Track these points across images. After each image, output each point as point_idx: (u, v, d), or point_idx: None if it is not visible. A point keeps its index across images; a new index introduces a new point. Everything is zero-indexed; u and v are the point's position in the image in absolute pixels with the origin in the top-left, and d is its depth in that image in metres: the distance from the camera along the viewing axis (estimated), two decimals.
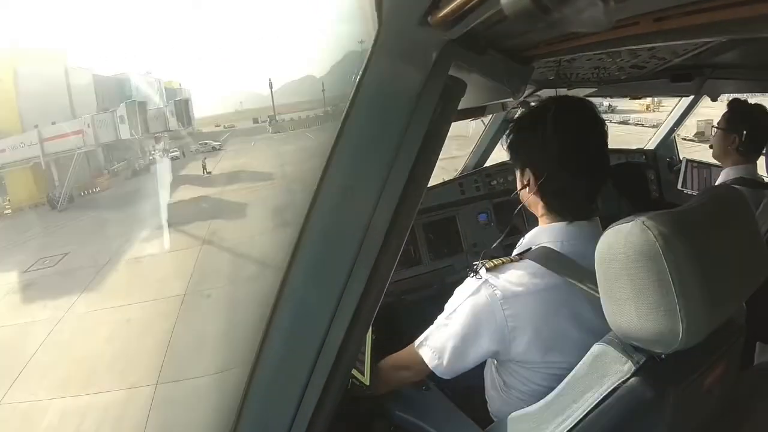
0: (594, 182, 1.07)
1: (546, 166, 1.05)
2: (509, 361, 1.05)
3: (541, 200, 1.09)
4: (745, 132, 1.97)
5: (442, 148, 0.77)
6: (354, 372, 1.16)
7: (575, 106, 1.07)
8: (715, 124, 2.11)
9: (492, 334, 1.00)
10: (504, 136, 1.17)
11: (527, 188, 1.10)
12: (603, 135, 1.07)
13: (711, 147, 2.16)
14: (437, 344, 1.07)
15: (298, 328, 0.82)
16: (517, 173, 1.14)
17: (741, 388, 1.05)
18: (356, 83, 0.70)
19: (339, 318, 0.79)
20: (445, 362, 1.06)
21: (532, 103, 1.78)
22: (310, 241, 0.78)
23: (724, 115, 2.06)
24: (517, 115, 1.16)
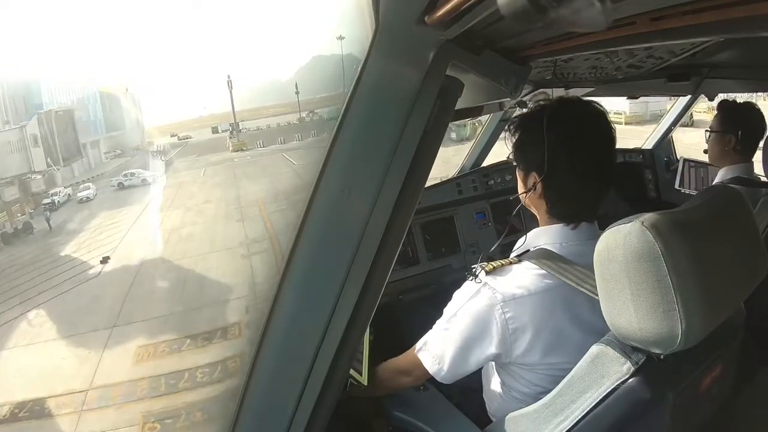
0: (601, 188, 1.05)
1: (552, 170, 1.02)
2: (510, 363, 1.04)
3: (545, 204, 1.07)
4: (740, 132, 1.97)
5: None
6: (352, 372, 1.16)
7: (586, 111, 1.04)
8: (708, 128, 2.11)
9: (493, 338, 1.00)
10: (508, 135, 1.13)
11: (531, 191, 1.07)
12: (611, 140, 1.05)
13: (705, 152, 2.16)
14: (437, 350, 1.06)
15: (296, 329, 0.82)
16: (520, 175, 1.11)
17: (740, 389, 1.05)
18: (353, 82, 0.69)
19: (337, 318, 0.79)
20: (446, 368, 1.05)
21: (529, 103, 1.78)
22: (308, 241, 0.77)
23: (716, 118, 2.06)
24: (521, 114, 1.13)
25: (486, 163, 2.66)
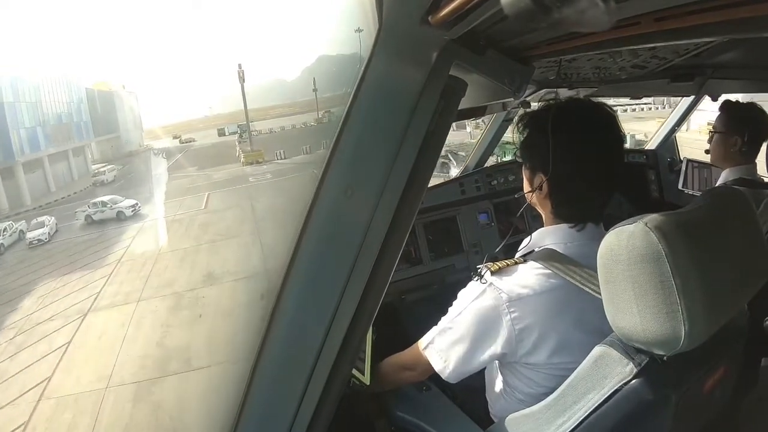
0: (608, 191, 1.05)
1: (557, 172, 1.02)
2: (514, 362, 1.04)
3: (551, 204, 1.07)
4: (747, 133, 1.96)
5: None
6: (354, 372, 1.16)
7: (594, 113, 1.04)
8: (711, 128, 2.09)
9: (499, 338, 1.00)
10: (517, 134, 1.12)
11: (536, 191, 1.07)
12: (620, 143, 1.04)
13: (707, 152, 2.15)
14: (443, 348, 1.06)
15: (299, 328, 0.82)
16: (525, 173, 1.11)
17: (743, 391, 1.05)
18: (357, 82, 0.70)
19: (340, 317, 0.79)
20: (451, 366, 1.05)
21: (533, 103, 1.78)
22: (312, 240, 0.77)
23: (720, 119, 2.04)
24: (529, 113, 1.12)
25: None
